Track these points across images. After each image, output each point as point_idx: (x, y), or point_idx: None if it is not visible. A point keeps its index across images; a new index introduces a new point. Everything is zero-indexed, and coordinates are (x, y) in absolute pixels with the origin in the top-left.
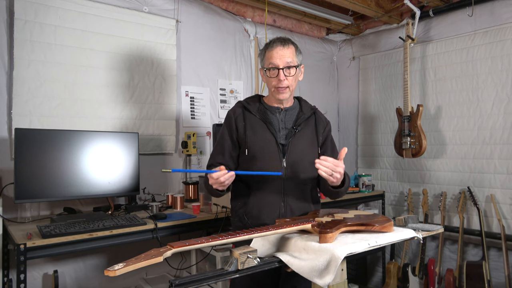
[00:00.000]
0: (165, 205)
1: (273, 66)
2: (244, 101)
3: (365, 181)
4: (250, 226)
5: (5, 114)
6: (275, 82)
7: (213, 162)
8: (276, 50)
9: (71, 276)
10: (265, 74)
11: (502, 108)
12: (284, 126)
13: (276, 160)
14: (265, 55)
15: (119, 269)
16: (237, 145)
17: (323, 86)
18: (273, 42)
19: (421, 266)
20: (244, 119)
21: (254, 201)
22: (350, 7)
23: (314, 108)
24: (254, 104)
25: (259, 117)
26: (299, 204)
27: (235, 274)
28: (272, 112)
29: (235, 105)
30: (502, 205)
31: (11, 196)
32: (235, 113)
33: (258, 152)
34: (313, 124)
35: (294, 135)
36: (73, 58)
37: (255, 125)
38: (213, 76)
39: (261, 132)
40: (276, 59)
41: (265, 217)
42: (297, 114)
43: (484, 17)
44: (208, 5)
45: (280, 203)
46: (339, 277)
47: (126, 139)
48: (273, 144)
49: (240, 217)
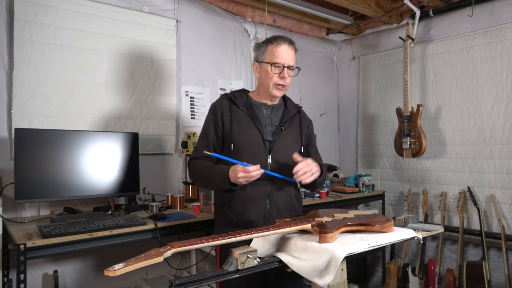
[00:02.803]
0: (165, 205)
1: (279, 63)
2: (230, 94)
3: (365, 181)
4: (236, 223)
5: (5, 114)
6: (276, 78)
7: (198, 155)
8: (284, 48)
9: (71, 276)
10: (261, 69)
11: (502, 108)
12: (271, 122)
13: (261, 156)
14: (268, 49)
15: (119, 269)
16: (221, 139)
17: (323, 86)
18: (280, 39)
19: (421, 266)
20: (230, 113)
21: (240, 197)
22: (350, 7)
23: (298, 106)
24: (241, 98)
25: (246, 112)
26: (284, 200)
27: (235, 274)
28: (259, 107)
29: (221, 97)
30: (502, 205)
31: (11, 196)
32: (222, 105)
33: (244, 148)
34: (298, 123)
35: (280, 132)
36: (73, 58)
37: (242, 119)
38: (213, 76)
39: (247, 128)
40: (283, 56)
41: (250, 213)
42: (282, 112)
43: (484, 17)
44: (208, 5)
45: (266, 199)
46: (339, 277)
47: (126, 139)
48: (259, 140)
49: (225, 213)
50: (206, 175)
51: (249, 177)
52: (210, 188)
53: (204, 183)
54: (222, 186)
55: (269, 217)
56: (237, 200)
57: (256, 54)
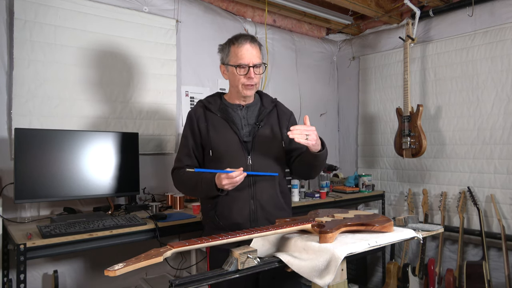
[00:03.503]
0: (165, 205)
1: (243, 64)
2: (205, 100)
3: (365, 181)
4: (223, 227)
5: (5, 114)
6: (244, 79)
7: (181, 165)
8: (246, 48)
9: (71, 276)
10: (227, 71)
11: (502, 108)
12: (247, 122)
13: (241, 158)
14: (230, 51)
15: (119, 269)
16: (200, 146)
17: (323, 86)
18: (241, 38)
19: (421, 266)
20: (206, 119)
21: (224, 201)
22: (350, 7)
23: (275, 100)
24: (215, 103)
25: (221, 115)
26: (269, 199)
27: (235, 274)
28: (233, 109)
29: (196, 104)
30: (502, 205)
31: (11, 196)
32: (196, 113)
33: (223, 152)
34: (276, 117)
35: (257, 131)
36: (73, 58)
37: (217, 124)
38: (213, 76)
39: (223, 132)
40: (245, 57)
41: (236, 216)
42: (258, 110)
43: (484, 17)
44: (208, 5)
45: (250, 200)
46: (339, 277)
47: (126, 139)
48: (236, 143)
49: (211, 218)
50: (193, 185)
51: (233, 183)
52: (197, 196)
53: (190, 192)
54: (209, 193)
55: (255, 217)
56: (221, 204)
57: (221, 56)
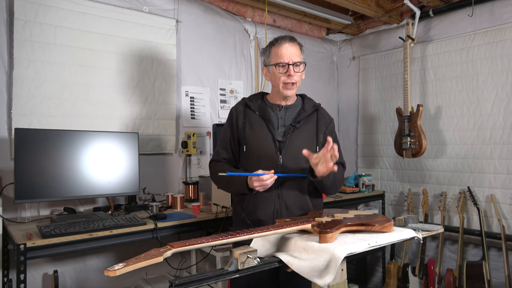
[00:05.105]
0: (165, 205)
1: (283, 62)
2: (247, 98)
3: (365, 181)
4: (247, 221)
5: (5, 114)
6: (284, 78)
7: (218, 157)
8: (285, 47)
9: (71, 276)
10: (269, 72)
11: (502, 108)
12: (284, 123)
13: (273, 156)
14: (271, 52)
15: (119, 269)
16: (236, 141)
17: (323, 86)
18: (281, 39)
19: (421, 266)
20: (244, 116)
21: (251, 197)
22: (350, 7)
23: (317, 105)
24: (256, 101)
25: (259, 114)
26: (295, 200)
27: (235, 274)
28: (273, 109)
29: (239, 102)
30: (502, 205)
31: (11, 196)
32: (237, 110)
33: (255, 149)
34: (314, 122)
35: (292, 132)
36: (73, 58)
37: (254, 122)
38: (213, 76)
39: (259, 129)
40: (285, 55)
41: (260, 213)
42: (298, 112)
43: (484, 17)
44: (208, 5)
45: (275, 199)
46: (339, 277)
47: (126, 139)
48: (270, 141)
49: (238, 212)
50: (226, 181)
51: (264, 185)
52: (229, 192)
53: (224, 187)
54: (241, 191)
55: (279, 216)
56: (248, 200)
57: (263, 59)
